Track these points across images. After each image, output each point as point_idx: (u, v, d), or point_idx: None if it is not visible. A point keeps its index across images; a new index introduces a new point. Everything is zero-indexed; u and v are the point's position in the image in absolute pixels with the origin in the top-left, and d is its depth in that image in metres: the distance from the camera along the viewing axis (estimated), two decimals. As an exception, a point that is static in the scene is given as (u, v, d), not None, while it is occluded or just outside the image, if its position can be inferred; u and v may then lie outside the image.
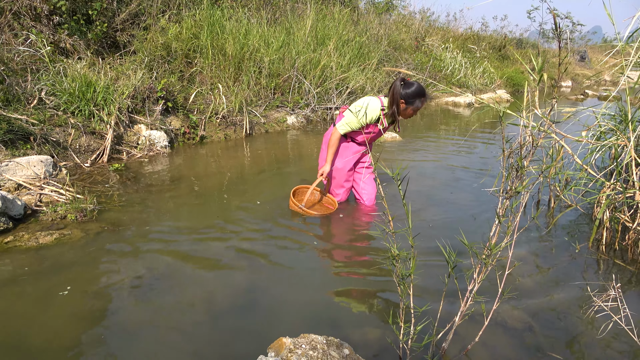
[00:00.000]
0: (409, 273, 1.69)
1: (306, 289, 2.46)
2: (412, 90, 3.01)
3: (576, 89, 16.12)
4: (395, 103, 3.07)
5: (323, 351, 1.58)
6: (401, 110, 3.09)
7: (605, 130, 3.61)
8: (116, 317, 2.14)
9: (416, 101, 3.05)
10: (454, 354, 1.91)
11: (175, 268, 2.60)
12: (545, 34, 17.86)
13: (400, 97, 3.03)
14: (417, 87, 3.02)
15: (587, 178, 3.26)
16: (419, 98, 3.04)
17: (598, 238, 2.99)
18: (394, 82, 3.08)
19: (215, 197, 3.80)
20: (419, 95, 3.04)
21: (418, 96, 3.03)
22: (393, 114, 3.11)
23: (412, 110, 3.10)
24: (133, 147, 5.01)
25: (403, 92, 3.01)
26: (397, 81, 3.05)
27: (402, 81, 3.04)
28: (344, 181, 3.51)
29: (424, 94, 3.07)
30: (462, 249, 2.70)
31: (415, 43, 11.98)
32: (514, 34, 17.30)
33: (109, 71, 5.26)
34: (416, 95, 3.02)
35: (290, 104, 7.21)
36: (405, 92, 3.01)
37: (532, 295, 2.40)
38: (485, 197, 3.87)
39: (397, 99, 3.05)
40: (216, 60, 6.49)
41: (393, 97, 3.06)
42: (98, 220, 3.18)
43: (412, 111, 3.12)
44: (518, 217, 1.74)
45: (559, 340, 2.04)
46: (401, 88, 3.02)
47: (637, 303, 2.36)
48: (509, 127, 5.58)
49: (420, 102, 3.07)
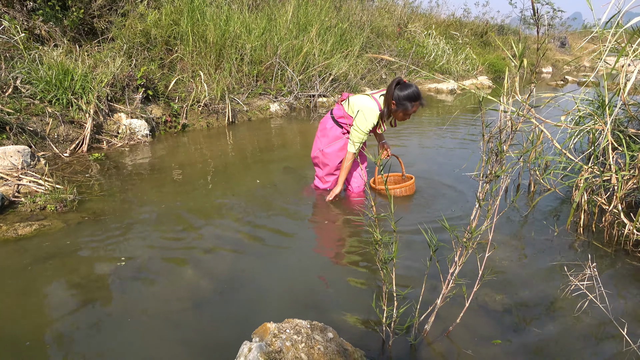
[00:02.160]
0: (391, 257, 1.72)
1: (290, 275, 2.47)
2: (405, 93, 2.96)
3: (556, 75, 16.32)
4: (387, 103, 3.05)
5: (307, 335, 1.60)
6: (392, 111, 3.07)
7: (584, 115, 3.68)
8: (99, 308, 2.12)
9: (407, 104, 2.98)
10: (436, 336, 1.95)
11: (159, 257, 2.59)
12: (526, 21, 17.97)
13: (391, 98, 3.00)
14: (411, 91, 2.96)
15: (566, 162, 3.32)
16: (411, 102, 2.97)
17: (576, 220, 3.06)
18: (391, 81, 3.03)
19: (198, 186, 3.77)
20: (411, 99, 2.96)
21: (409, 99, 2.96)
22: (382, 114, 3.10)
23: (402, 112, 3.04)
24: (113, 136, 4.93)
25: (395, 93, 2.98)
26: (393, 81, 3.00)
27: (399, 82, 2.99)
28: (334, 170, 3.46)
29: (418, 98, 2.98)
30: (444, 232, 2.75)
31: (397, 29, 11.96)
32: (495, 20, 17.38)
33: (87, 59, 5.15)
34: (407, 99, 2.96)
35: (273, 92, 7.17)
36: (397, 94, 2.97)
37: (512, 277, 2.45)
38: (468, 182, 3.92)
39: (389, 100, 3.02)
40: (197, 47, 6.39)
41: (387, 97, 3.04)
42: (79, 211, 3.13)
43: (402, 114, 3.05)
44: (498, 200, 1.77)
45: (537, 319, 2.09)
46: (395, 89, 2.98)
47: (611, 282, 2.43)
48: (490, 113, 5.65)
49: (412, 106, 2.99)
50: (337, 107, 3.33)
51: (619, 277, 2.49)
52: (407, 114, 3.05)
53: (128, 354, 1.84)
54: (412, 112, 3.04)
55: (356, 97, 3.22)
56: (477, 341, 1.93)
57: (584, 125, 3.42)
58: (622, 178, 2.78)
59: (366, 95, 3.18)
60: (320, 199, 3.50)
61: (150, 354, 1.85)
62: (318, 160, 3.48)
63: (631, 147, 2.99)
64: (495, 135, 1.77)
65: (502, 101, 1.98)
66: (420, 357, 1.84)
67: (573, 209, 3.01)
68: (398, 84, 2.99)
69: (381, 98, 3.13)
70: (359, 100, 3.17)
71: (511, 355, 1.87)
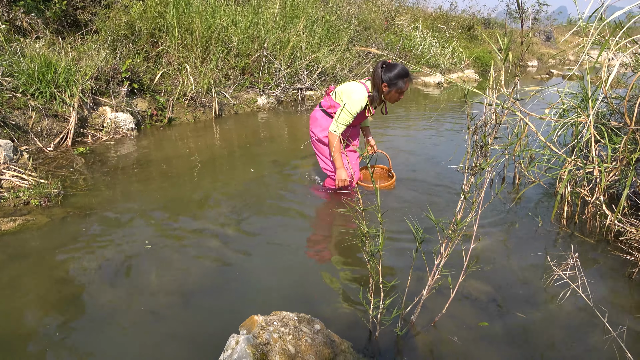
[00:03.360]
0: (377, 249, 1.73)
1: (278, 268, 2.48)
2: (395, 73, 2.95)
3: (542, 69, 16.47)
4: (376, 87, 3.03)
5: (294, 327, 1.61)
6: (385, 94, 3.05)
7: (568, 108, 3.73)
8: (86, 303, 2.11)
9: (399, 82, 2.97)
10: (422, 326, 1.98)
11: (145, 251, 2.57)
12: (512, 14, 18.08)
13: (381, 81, 2.98)
14: (400, 69, 2.96)
15: (550, 155, 3.37)
16: (402, 79, 2.97)
17: (560, 212, 3.11)
18: (375, 65, 3.03)
19: (185, 180, 3.75)
20: (401, 77, 2.97)
21: (400, 77, 2.96)
22: (373, 98, 3.07)
23: (395, 92, 3.02)
24: (98, 130, 4.87)
25: (385, 75, 2.96)
26: (378, 64, 3.00)
27: (384, 64, 2.98)
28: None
29: (407, 74, 3.00)
30: (430, 224, 2.77)
31: (385, 23, 11.95)
32: (482, 14, 17.47)
33: (70, 51, 5.06)
34: (398, 77, 2.96)
35: (260, 85, 7.13)
36: (387, 76, 2.96)
37: (497, 268, 2.49)
38: (454, 174, 3.96)
39: (377, 83, 3.00)
40: (183, 39, 6.32)
41: (374, 81, 3.02)
42: (63, 205, 3.10)
43: (397, 93, 3.04)
44: (482, 192, 1.79)
45: (521, 308, 2.13)
46: (382, 72, 2.97)
47: (593, 271, 2.48)
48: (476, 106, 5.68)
49: (404, 82, 2.98)
50: (325, 99, 3.33)
51: (600, 267, 2.54)
52: (402, 92, 3.04)
53: (115, 349, 1.84)
54: (405, 89, 3.03)
55: (345, 84, 3.21)
56: (462, 330, 1.96)
57: (567, 118, 3.47)
58: (604, 170, 2.83)
59: (353, 81, 3.19)
60: (307, 193, 3.50)
61: (138, 348, 1.84)
62: (319, 148, 3.42)
63: (613, 139, 3.04)
64: (480, 128, 1.79)
65: (486, 94, 2.00)
66: (407, 347, 1.86)
67: (557, 201, 3.06)
68: (384, 66, 2.98)
69: (368, 82, 3.12)
70: (347, 85, 3.18)
71: (496, 344, 1.90)
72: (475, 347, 1.88)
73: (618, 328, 1.73)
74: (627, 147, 2.83)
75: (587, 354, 1.85)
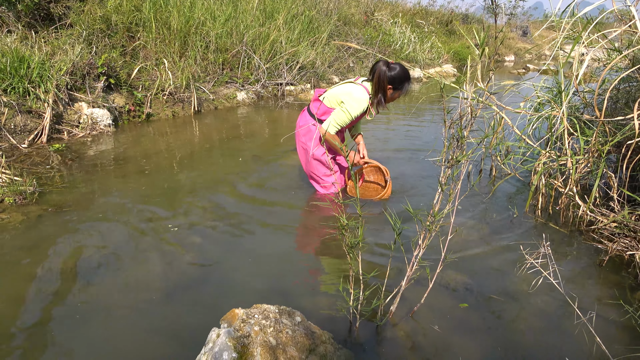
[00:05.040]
0: (357, 241, 1.76)
1: (259, 261, 2.49)
2: (399, 74, 2.81)
3: (519, 64, 16.74)
4: (381, 89, 2.85)
5: (275, 320, 1.63)
6: (388, 96, 2.90)
7: (543, 102, 3.81)
8: (64, 300, 2.09)
9: (405, 84, 2.86)
10: (401, 316, 2.01)
11: (124, 248, 2.55)
12: (490, 9, 18.33)
13: (387, 82, 2.82)
14: (403, 69, 2.83)
15: (526, 147, 3.45)
16: (407, 81, 2.86)
17: (534, 203, 3.20)
18: (376, 66, 2.82)
19: (164, 176, 3.72)
20: (408, 78, 2.86)
21: (406, 79, 2.85)
22: (380, 101, 2.90)
23: (398, 95, 2.92)
24: (74, 126, 4.78)
25: (390, 76, 2.80)
26: (380, 64, 2.80)
27: (386, 64, 2.81)
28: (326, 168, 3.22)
29: (410, 75, 2.89)
30: (409, 216, 2.82)
31: (364, 17, 11.98)
32: (460, 9, 17.68)
33: (44, 46, 4.95)
34: (406, 79, 2.84)
35: (239, 80, 7.08)
36: (392, 76, 2.80)
37: (473, 258, 2.55)
38: (432, 167, 4.02)
39: (383, 85, 2.83)
40: (160, 34, 6.24)
41: (379, 83, 2.83)
42: (39, 203, 3.05)
43: (398, 95, 2.93)
44: (459, 184, 1.83)
45: (496, 298, 2.19)
46: (387, 72, 2.80)
47: (566, 260, 2.56)
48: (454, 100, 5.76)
49: (408, 84, 2.89)
50: (314, 104, 3.08)
51: (572, 256, 2.63)
52: (402, 94, 2.94)
53: (96, 346, 1.83)
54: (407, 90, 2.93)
55: (339, 87, 2.99)
56: (440, 319, 2.01)
57: (542, 112, 3.55)
58: (575, 163, 2.91)
59: (347, 83, 2.98)
60: (286, 188, 3.51)
61: (119, 344, 1.84)
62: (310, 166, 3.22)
63: (585, 132, 3.13)
64: (456, 121, 1.83)
65: (462, 88, 2.04)
66: (386, 337, 1.90)
67: (531, 192, 3.13)
68: (387, 66, 2.81)
69: (365, 83, 2.95)
70: (343, 87, 2.96)
71: (472, 332, 1.95)
72: (452, 335, 1.92)
73: (588, 314, 1.80)
74: (598, 139, 2.91)
75: (559, 339, 1.92)
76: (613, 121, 2.94)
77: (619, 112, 3.22)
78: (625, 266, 2.49)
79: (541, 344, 1.89)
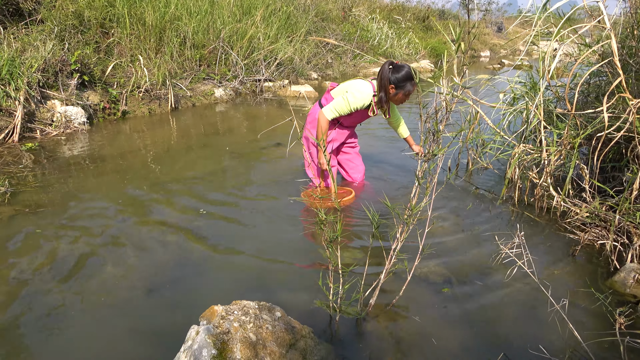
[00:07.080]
0: (336, 236, 1.77)
1: (238, 258, 2.48)
2: (403, 74, 2.83)
3: (494, 59, 17.02)
4: (383, 88, 2.91)
5: (255, 315, 1.63)
6: (390, 96, 2.94)
7: (518, 97, 3.89)
8: (39, 302, 2.05)
9: (407, 85, 2.86)
10: (381, 309, 2.04)
11: (101, 248, 2.51)
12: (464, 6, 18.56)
13: (389, 82, 2.87)
14: (408, 70, 2.84)
15: (501, 140, 3.52)
16: (410, 81, 2.86)
17: (511, 195, 3.26)
18: (382, 66, 2.90)
19: (141, 174, 3.67)
20: (411, 78, 2.85)
21: (410, 79, 2.85)
22: (380, 100, 2.96)
23: (403, 95, 2.93)
24: (47, 124, 4.67)
25: (392, 76, 2.84)
26: (385, 65, 2.87)
27: (391, 65, 2.85)
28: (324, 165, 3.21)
29: (414, 76, 2.86)
30: (387, 210, 2.85)
31: (342, 13, 12.00)
32: (436, 5, 17.90)
33: (14, 42, 4.81)
34: (408, 79, 2.84)
35: (217, 76, 7.02)
36: (395, 77, 2.84)
37: (450, 250, 2.59)
38: (409, 161, 4.07)
39: (385, 84, 2.89)
40: (135, 30, 6.13)
41: (381, 82, 2.90)
42: (11, 203, 2.97)
43: (404, 96, 2.94)
44: (435, 178, 1.86)
45: (472, 288, 2.24)
46: (390, 72, 2.85)
47: (540, 250, 2.63)
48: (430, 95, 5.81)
49: (412, 85, 2.88)
50: (326, 96, 3.17)
51: (546, 245, 2.70)
52: (408, 95, 2.95)
53: (75, 347, 1.80)
54: (412, 91, 2.94)
55: (350, 81, 3.09)
56: (419, 311, 2.04)
57: (517, 105, 3.62)
58: (546, 156, 2.98)
59: (360, 79, 3.07)
60: (265, 183, 3.50)
61: (99, 344, 1.81)
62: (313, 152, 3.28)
63: (558, 125, 3.20)
64: (431, 116, 1.85)
65: (437, 83, 2.08)
66: (366, 330, 1.92)
67: (506, 184, 3.20)
68: (392, 66, 2.86)
69: (374, 82, 3.02)
70: (353, 81, 3.05)
71: (450, 322, 1.99)
72: (431, 325, 1.95)
73: (561, 301, 1.85)
74: (570, 132, 2.99)
75: (534, 327, 1.97)
76: (584, 114, 3.02)
77: (589, 106, 3.31)
78: (597, 255, 2.57)
79: (517, 331, 1.94)
